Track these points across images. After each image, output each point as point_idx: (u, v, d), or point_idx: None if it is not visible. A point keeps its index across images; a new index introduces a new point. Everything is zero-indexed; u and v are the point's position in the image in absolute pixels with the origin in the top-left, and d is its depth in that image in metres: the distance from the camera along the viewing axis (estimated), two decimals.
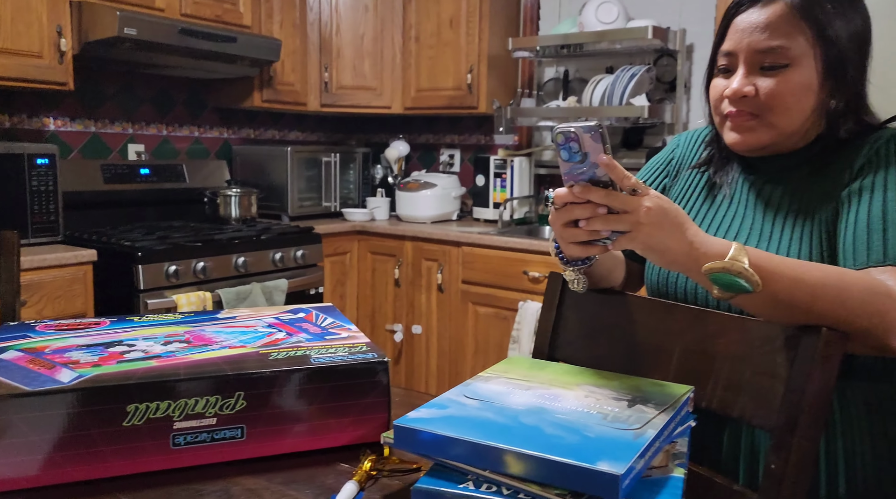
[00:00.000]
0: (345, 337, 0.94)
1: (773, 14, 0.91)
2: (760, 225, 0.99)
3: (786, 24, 0.91)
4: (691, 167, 1.11)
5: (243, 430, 0.80)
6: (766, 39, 0.91)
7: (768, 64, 0.92)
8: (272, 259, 2.68)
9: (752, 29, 0.92)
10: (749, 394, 0.87)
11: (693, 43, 2.87)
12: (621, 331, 1.05)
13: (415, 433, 0.69)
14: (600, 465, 0.60)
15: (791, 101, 0.92)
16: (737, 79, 0.94)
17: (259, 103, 3.06)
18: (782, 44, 0.91)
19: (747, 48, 0.93)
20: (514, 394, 0.77)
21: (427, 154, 3.74)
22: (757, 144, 0.96)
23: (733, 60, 0.95)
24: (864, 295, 0.79)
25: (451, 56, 3.17)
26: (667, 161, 1.16)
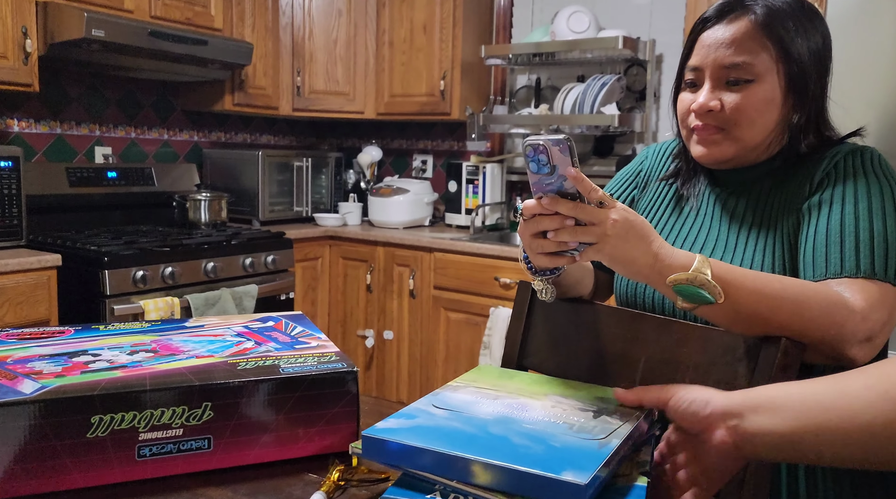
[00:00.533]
0: (314, 346, 0.94)
1: (738, 31, 0.94)
2: (725, 237, 1.01)
3: (750, 41, 0.93)
4: (659, 179, 1.13)
5: (210, 441, 0.79)
6: (731, 55, 0.94)
7: (733, 79, 0.94)
8: (242, 264, 2.66)
9: (717, 45, 0.95)
10: None
11: (662, 53, 2.91)
12: (589, 340, 1.07)
13: (383, 444, 0.69)
14: (565, 475, 0.61)
15: (755, 116, 0.94)
16: (703, 93, 0.96)
17: (230, 107, 3.04)
18: (746, 60, 0.93)
19: (713, 63, 0.95)
20: (483, 404, 0.78)
21: (400, 160, 3.74)
22: (722, 156, 0.98)
23: (700, 75, 0.98)
24: (822, 306, 0.81)
25: (424, 62, 3.17)
26: (635, 173, 1.18)
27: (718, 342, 0.90)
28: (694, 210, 1.07)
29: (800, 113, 0.96)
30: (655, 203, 1.13)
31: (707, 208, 1.06)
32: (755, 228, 0.99)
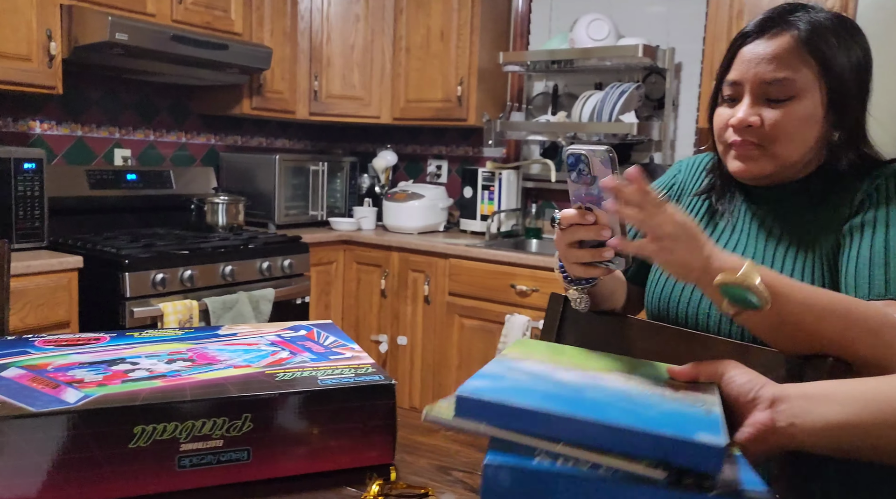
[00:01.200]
0: (349, 357, 0.94)
1: (779, 46, 0.93)
2: (763, 254, 1.01)
3: (792, 57, 0.92)
4: (693, 194, 1.13)
5: (249, 452, 0.79)
6: (772, 71, 0.93)
7: (774, 95, 0.94)
8: (259, 268, 2.66)
9: (758, 60, 0.94)
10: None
11: (681, 62, 2.91)
12: (619, 353, 1.06)
13: (483, 404, 0.64)
14: (700, 436, 0.58)
15: (794, 133, 0.94)
16: (742, 108, 0.95)
17: (248, 111, 3.05)
18: (788, 76, 0.92)
19: (754, 78, 0.94)
20: (558, 372, 0.73)
21: (414, 165, 3.75)
22: (760, 173, 0.98)
23: (739, 90, 0.97)
24: (871, 324, 0.80)
25: (439, 68, 3.18)
26: (669, 185, 1.18)
27: (757, 361, 0.89)
28: (729, 226, 1.07)
29: (840, 130, 0.96)
30: (692, 214, 1.12)
31: (742, 225, 1.05)
32: (793, 247, 0.98)
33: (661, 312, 1.08)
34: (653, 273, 1.11)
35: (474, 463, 0.89)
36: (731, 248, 1.04)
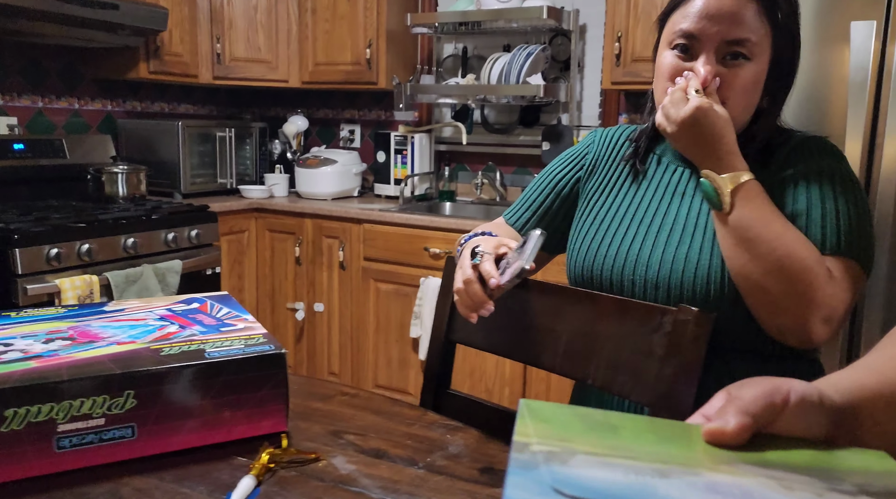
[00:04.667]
0: (241, 328, 0.93)
1: (741, 6, 0.91)
2: (686, 213, 1.00)
3: (753, 19, 0.91)
4: (618, 161, 1.11)
5: (134, 429, 0.78)
6: (737, 31, 0.91)
7: (732, 55, 0.92)
8: (164, 239, 2.57)
9: (720, 15, 0.91)
10: (628, 372, 0.93)
11: (586, 23, 2.95)
12: (514, 314, 1.10)
13: None
14: None
15: (744, 95, 0.94)
16: (702, 65, 0.93)
17: (145, 75, 2.90)
18: (750, 37, 0.91)
19: (716, 36, 0.92)
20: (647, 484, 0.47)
21: (326, 129, 3.68)
22: None
23: (696, 44, 0.94)
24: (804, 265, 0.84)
25: (348, 30, 3.11)
26: (582, 155, 1.16)
27: (635, 315, 0.94)
28: (652, 187, 1.05)
29: (769, 96, 0.97)
30: (610, 182, 1.11)
31: (668, 186, 1.04)
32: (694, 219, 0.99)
33: (584, 278, 1.07)
34: (574, 242, 1.10)
35: (366, 426, 0.91)
36: (654, 208, 1.03)
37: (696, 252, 0.95)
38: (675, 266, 0.96)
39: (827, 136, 1.01)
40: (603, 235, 1.05)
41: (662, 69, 0.98)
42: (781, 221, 0.88)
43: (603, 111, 2.97)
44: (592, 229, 1.07)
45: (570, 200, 1.14)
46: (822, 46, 1.75)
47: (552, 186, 1.15)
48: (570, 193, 1.14)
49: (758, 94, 0.96)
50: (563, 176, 1.15)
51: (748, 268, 0.87)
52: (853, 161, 1.70)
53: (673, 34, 0.96)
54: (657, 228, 1.01)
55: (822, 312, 0.84)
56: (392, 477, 0.78)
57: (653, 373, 0.89)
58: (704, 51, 0.93)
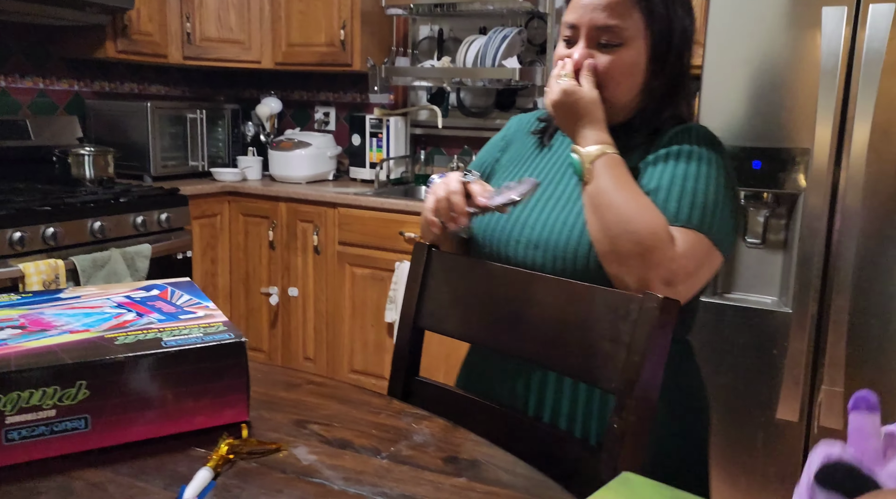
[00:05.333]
0: (201, 316, 0.91)
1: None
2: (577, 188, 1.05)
3: (623, 7, 0.98)
4: (528, 134, 1.19)
5: (87, 420, 0.76)
6: (605, 18, 0.98)
7: (605, 41, 1.00)
8: (133, 223, 2.52)
9: (593, 6, 0.99)
10: (596, 358, 0.92)
11: (562, 6, 2.92)
12: (484, 300, 1.08)
13: None
14: None
15: (621, 78, 1.01)
16: (577, 51, 1.01)
17: (113, 54, 2.82)
18: (618, 24, 0.98)
19: (588, 23, 1.00)
20: None
21: (301, 112, 3.62)
22: None
23: (576, 33, 1.02)
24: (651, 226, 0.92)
25: (322, 10, 3.05)
26: (501, 138, 1.24)
27: (603, 301, 0.93)
28: (552, 161, 1.12)
29: (658, 80, 1.03)
30: (520, 158, 1.17)
31: (563, 161, 1.11)
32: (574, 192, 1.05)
33: (482, 240, 1.11)
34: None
35: (332, 416, 0.89)
36: (554, 183, 1.09)
37: (575, 216, 1.01)
38: (553, 228, 1.03)
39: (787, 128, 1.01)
40: None
41: (554, 61, 1.07)
42: (633, 190, 0.96)
43: None
44: None
45: (491, 181, 1.19)
46: (794, 32, 1.74)
47: (479, 171, 1.21)
48: (490, 174, 1.20)
49: (636, 77, 1.02)
50: (486, 160, 1.23)
51: (600, 232, 0.95)
52: (822, 145, 1.70)
53: (563, 27, 1.05)
54: (548, 197, 1.08)
55: (661, 273, 0.90)
56: (355, 468, 0.76)
57: (621, 359, 0.89)
58: (583, 38, 1.01)
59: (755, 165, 1.82)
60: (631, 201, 0.94)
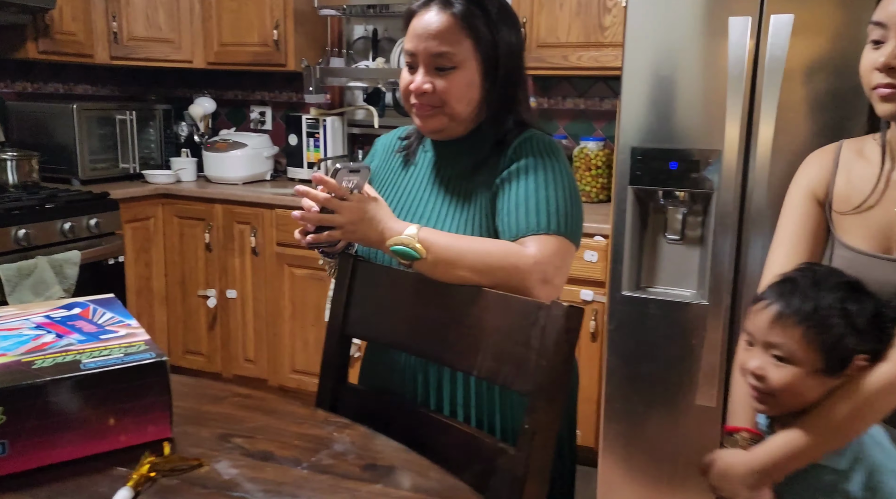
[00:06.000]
0: (122, 335, 0.92)
1: (441, 24, 1.09)
2: (441, 204, 1.18)
3: (452, 34, 1.09)
4: (392, 153, 1.29)
5: (5, 446, 0.77)
6: (437, 45, 1.10)
7: (441, 65, 1.11)
8: (61, 229, 2.46)
9: (427, 35, 1.10)
10: (511, 363, 0.98)
11: None
12: (407, 307, 1.13)
13: None
14: None
15: (460, 95, 1.12)
16: (418, 77, 1.12)
17: (35, 55, 2.74)
18: (450, 50, 1.10)
19: (424, 51, 1.11)
20: None
21: (236, 111, 3.58)
22: (437, 127, 1.16)
23: (415, 59, 1.13)
24: (502, 254, 1.04)
25: (254, 10, 3.03)
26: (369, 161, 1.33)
27: (516, 309, 0.98)
28: (415, 176, 1.23)
29: (494, 92, 1.14)
30: (388, 175, 1.27)
31: (424, 176, 1.22)
32: (462, 198, 1.16)
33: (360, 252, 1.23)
34: None
35: (256, 428, 0.92)
36: (416, 197, 1.20)
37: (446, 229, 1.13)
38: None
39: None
40: None
41: (400, 85, 1.16)
42: (459, 236, 1.09)
43: None
44: None
45: None
46: (704, 40, 1.83)
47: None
48: None
49: (474, 93, 1.13)
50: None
51: (469, 279, 1.04)
52: (731, 146, 1.81)
53: (404, 54, 1.15)
54: (420, 212, 1.18)
55: (535, 278, 1.03)
56: (276, 479, 0.80)
57: (531, 364, 0.94)
58: (421, 65, 1.12)
59: (672, 166, 1.91)
60: (469, 243, 1.07)
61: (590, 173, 2.71)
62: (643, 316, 1.99)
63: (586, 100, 2.92)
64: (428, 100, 1.12)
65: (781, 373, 0.96)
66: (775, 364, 0.97)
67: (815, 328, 0.94)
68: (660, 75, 1.90)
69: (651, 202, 2.02)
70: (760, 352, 0.99)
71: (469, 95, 1.13)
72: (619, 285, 2.02)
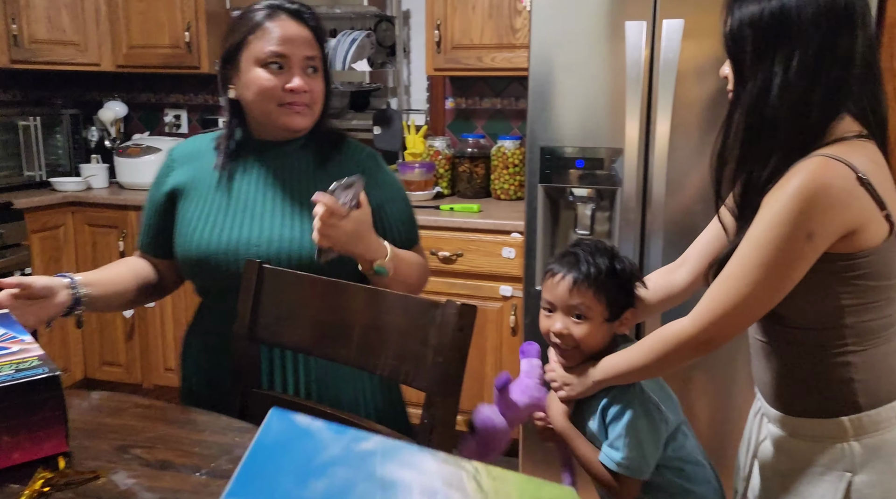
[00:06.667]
0: (15, 351, 0.91)
1: (307, 33, 1.23)
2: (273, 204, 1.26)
3: (314, 42, 1.24)
4: (208, 165, 1.30)
5: None
6: (309, 50, 1.23)
7: (312, 70, 1.24)
8: None
9: (300, 41, 1.22)
10: (410, 361, 1.01)
11: (409, 9, 3.01)
12: (312, 311, 1.14)
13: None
14: None
15: (321, 100, 1.27)
16: (297, 79, 1.21)
17: None
18: (317, 54, 1.24)
19: (299, 55, 1.22)
20: None
21: (150, 115, 3.49)
22: (307, 125, 1.26)
23: (287, 62, 1.21)
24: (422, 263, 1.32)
25: (164, 11, 2.96)
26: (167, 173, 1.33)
27: (414, 309, 1.02)
28: (247, 184, 1.28)
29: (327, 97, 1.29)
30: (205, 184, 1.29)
31: (264, 180, 1.28)
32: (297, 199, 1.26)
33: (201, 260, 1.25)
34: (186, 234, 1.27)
35: (155, 438, 0.92)
36: (252, 203, 1.26)
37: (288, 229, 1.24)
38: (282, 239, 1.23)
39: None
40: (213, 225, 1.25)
41: (264, 85, 1.22)
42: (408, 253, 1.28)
43: (431, 95, 3.06)
44: (202, 222, 1.26)
45: (169, 212, 1.31)
46: (605, 43, 1.92)
47: (154, 207, 1.33)
48: (167, 205, 1.31)
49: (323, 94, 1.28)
50: (157, 195, 1.33)
51: (416, 288, 1.28)
52: (632, 145, 1.90)
53: (264, 55, 1.21)
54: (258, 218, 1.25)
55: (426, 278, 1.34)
56: (174, 487, 0.80)
57: (429, 361, 0.98)
58: (295, 68, 1.22)
59: (578, 164, 1.99)
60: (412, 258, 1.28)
61: (507, 172, 2.77)
62: None
63: (502, 99, 2.99)
64: (304, 99, 1.22)
65: (581, 328, 1.15)
66: (575, 322, 1.16)
67: (601, 286, 1.14)
68: (564, 77, 1.98)
69: (561, 199, 2.10)
70: (562, 315, 1.16)
71: (323, 96, 1.27)
72: (532, 280, 2.09)
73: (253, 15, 1.23)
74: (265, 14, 1.22)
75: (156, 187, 1.34)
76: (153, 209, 1.33)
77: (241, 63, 1.23)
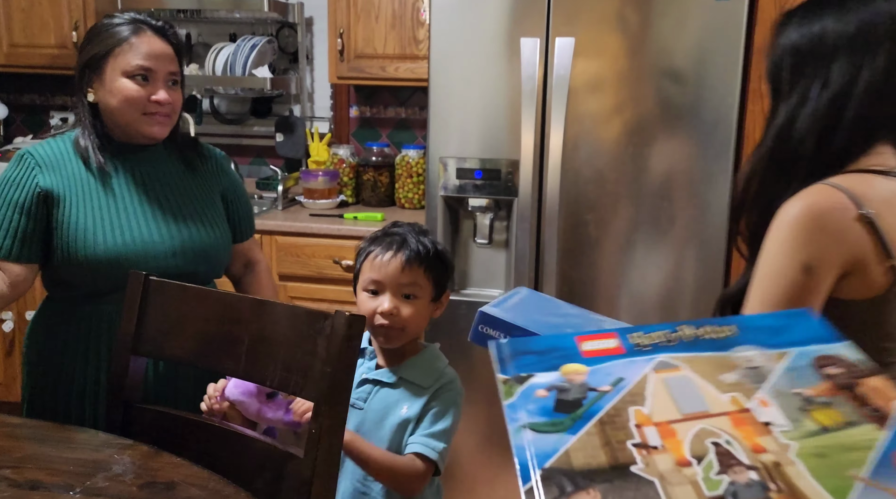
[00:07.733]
0: None
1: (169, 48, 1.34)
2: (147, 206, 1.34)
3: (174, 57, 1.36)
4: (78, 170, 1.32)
5: None
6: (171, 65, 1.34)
7: (171, 83, 1.34)
8: None
9: (164, 56, 1.32)
10: (299, 372, 1.01)
11: (312, 16, 2.99)
12: (198, 323, 1.12)
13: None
14: None
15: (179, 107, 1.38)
16: (161, 93, 1.31)
17: None
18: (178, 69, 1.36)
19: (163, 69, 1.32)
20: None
21: (33, 117, 3.30)
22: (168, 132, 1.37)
23: (151, 75, 1.30)
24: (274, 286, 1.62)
25: (49, 10, 2.81)
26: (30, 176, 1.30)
27: (302, 320, 1.02)
28: (119, 187, 1.34)
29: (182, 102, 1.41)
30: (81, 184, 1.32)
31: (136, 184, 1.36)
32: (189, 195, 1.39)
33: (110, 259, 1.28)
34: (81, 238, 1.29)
35: (24, 457, 0.88)
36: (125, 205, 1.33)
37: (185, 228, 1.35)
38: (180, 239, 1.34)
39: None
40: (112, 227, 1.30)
41: (131, 95, 1.30)
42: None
43: (335, 103, 3.05)
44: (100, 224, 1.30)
45: (41, 215, 1.30)
46: (501, 57, 1.98)
47: (19, 209, 1.29)
48: (38, 208, 1.30)
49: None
50: (22, 197, 1.29)
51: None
52: (527, 157, 1.97)
53: (131, 68, 1.29)
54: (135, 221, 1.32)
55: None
56: None
57: (317, 371, 0.98)
58: (160, 81, 1.32)
59: (477, 175, 2.04)
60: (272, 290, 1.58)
61: (411, 180, 2.80)
62: (456, 317, 2.10)
63: (407, 109, 3.02)
64: (166, 110, 1.33)
65: (410, 307, 1.16)
66: (403, 302, 1.16)
67: (431, 265, 1.18)
68: (463, 89, 2.02)
69: (461, 209, 2.14)
70: (390, 296, 1.15)
71: (180, 106, 1.39)
72: None
73: (119, 29, 1.31)
74: (131, 29, 1.31)
75: (17, 189, 1.29)
76: (19, 211, 1.29)
77: (106, 72, 1.30)
